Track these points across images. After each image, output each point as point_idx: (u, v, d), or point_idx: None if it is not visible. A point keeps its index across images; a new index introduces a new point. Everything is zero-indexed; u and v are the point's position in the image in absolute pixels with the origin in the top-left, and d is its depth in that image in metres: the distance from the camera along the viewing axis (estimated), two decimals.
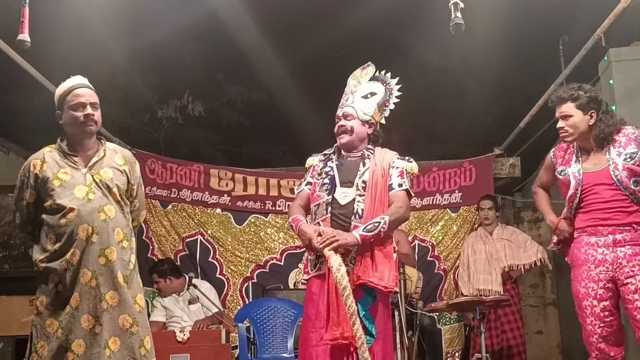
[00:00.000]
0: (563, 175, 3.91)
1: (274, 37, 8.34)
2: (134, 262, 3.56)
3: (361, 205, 3.68)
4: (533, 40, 7.89)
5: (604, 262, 3.70)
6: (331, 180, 3.79)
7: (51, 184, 3.47)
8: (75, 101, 3.54)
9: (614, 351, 3.70)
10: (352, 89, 3.99)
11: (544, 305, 8.05)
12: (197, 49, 8.83)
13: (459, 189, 7.42)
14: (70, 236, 3.39)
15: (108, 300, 3.38)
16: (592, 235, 3.77)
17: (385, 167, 3.80)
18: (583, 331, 3.78)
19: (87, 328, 3.33)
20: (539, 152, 8.20)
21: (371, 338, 3.53)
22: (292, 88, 8.80)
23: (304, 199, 3.92)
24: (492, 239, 6.50)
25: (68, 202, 3.42)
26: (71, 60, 7.32)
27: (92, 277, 3.37)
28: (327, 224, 3.67)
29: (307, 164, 4.04)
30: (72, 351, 3.30)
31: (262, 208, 7.45)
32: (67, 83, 3.63)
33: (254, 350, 5.87)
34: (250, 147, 10.66)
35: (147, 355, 3.46)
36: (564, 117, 3.84)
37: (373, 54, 8.81)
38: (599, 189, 3.75)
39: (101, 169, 3.56)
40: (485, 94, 9.08)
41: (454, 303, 5.62)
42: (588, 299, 3.72)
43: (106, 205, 3.48)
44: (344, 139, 3.86)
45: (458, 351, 6.81)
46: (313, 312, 3.63)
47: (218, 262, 7.26)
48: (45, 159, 3.56)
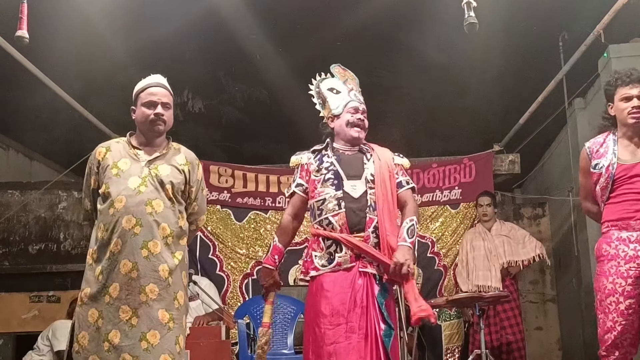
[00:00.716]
0: (598, 169, 3.80)
1: (275, 34, 8.34)
2: (180, 258, 3.53)
3: (373, 198, 3.70)
4: (533, 37, 7.89)
5: (635, 258, 3.62)
6: (336, 175, 3.76)
7: (109, 172, 3.52)
8: (147, 99, 3.59)
9: (629, 350, 3.64)
10: (352, 86, 4.01)
11: (544, 301, 8.05)
12: (198, 46, 8.83)
13: (458, 186, 7.43)
14: (114, 225, 3.42)
15: (148, 292, 3.37)
16: (623, 229, 3.68)
17: (390, 163, 3.85)
18: (600, 327, 3.69)
19: (124, 319, 3.33)
20: (538, 149, 8.23)
21: (392, 330, 3.55)
22: (293, 85, 8.78)
23: (296, 206, 3.89)
24: (491, 235, 6.51)
25: (119, 192, 3.46)
26: (71, 57, 7.35)
27: (133, 269, 3.37)
28: (342, 219, 3.66)
29: (292, 162, 3.96)
30: (109, 340, 3.31)
31: (262, 205, 7.46)
32: (144, 80, 3.69)
33: (254, 347, 5.87)
34: (251, 144, 10.66)
35: (182, 353, 3.45)
36: (639, 98, 3.76)
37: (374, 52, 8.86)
38: (635, 180, 3.69)
39: (160, 165, 3.58)
40: (486, 91, 9.07)
41: (454, 299, 5.63)
42: (614, 295, 3.62)
43: (155, 199, 3.48)
44: (361, 134, 3.88)
45: (458, 347, 6.81)
46: (328, 308, 3.56)
47: (218, 259, 7.26)
48: (111, 148, 3.62)
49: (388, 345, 3.49)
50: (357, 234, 3.65)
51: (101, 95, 8.32)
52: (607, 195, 3.77)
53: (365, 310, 3.54)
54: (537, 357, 7.84)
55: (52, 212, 8.00)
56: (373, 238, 3.65)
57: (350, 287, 3.57)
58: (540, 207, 8.20)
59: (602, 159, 3.81)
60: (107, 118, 7.67)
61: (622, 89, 3.79)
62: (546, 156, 8.18)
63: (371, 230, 3.65)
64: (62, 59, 7.06)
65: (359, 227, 3.66)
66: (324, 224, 3.70)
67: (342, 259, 3.63)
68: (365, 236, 3.64)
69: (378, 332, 3.50)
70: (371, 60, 8.78)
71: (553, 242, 7.98)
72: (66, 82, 6.68)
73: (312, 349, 3.59)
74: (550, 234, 8.06)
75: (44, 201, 8.01)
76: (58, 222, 7.98)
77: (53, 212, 8.00)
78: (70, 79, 7.07)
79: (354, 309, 3.54)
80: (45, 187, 7.88)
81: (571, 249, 6.95)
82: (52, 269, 7.73)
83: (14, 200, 7.95)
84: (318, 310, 3.60)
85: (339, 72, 4.06)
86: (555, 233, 7.90)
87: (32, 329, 7.34)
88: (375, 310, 3.55)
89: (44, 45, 6.55)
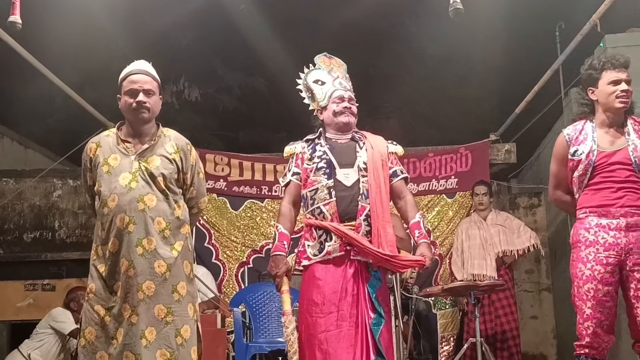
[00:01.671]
0: (577, 156, 3.75)
1: (272, 23, 8.32)
2: (179, 249, 3.50)
3: (365, 186, 3.73)
4: (530, 27, 7.89)
5: (615, 245, 3.59)
6: (328, 164, 3.78)
7: (100, 169, 3.49)
8: (128, 87, 3.53)
9: (607, 338, 3.62)
10: (338, 74, 4.02)
11: (539, 290, 8.07)
12: (195, 34, 8.81)
13: (455, 175, 7.43)
14: (110, 225, 3.41)
15: (145, 290, 3.35)
16: (602, 216, 3.65)
17: (383, 152, 3.87)
18: (579, 315, 3.66)
19: (125, 317, 3.34)
20: (534, 139, 8.23)
21: (382, 319, 3.59)
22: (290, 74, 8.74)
23: (293, 193, 3.90)
24: (487, 225, 6.52)
25: (110, 190, 3.43)
26: (67, 45, 7.32)
27: (130, 267, 3.36)
28: (332, 208, 3.69)
29: (286, 152, 3.99)
30: (117, 338, 3.33)
31: (258, 193, 7.46)
32: (127, 68, 3.62)
33: (249, 335, 5.89)
34: (248, 132, 10.65)
35: (184, 344, 3.41)
36: (628, 82, 3.74)
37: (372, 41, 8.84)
38: (614, 168, 3.66)
39: (150, 157, 3.53)
40: (482, 80, 9.08)
41: (449, 288, 5.64)
42: (593, 282, 3.59)
43: (147, 194, 3.44)
44: (351, 119, 3.90)
45: (453, 336, 6.82)
46: (319, 297, 3.61)
47: (214, 247, 7.26)
48: (101, 143, 3.57)
49: (376, 334, 3.53)
50: (348, 222, 3.68)
51: (97, 83, 8.28)
52: (586, 182, 3.74)
53: (356, 299, 3.59)
54: (532, 345, 7.87)
55: (47, 200, 7.98)
56: (365, 226, 3.67)
57: (341, 276, 3.62)
58: (536, 196, 8.21)
59: (581, 145, 3.76)
60: (103, 106, 7.64)
61: (611, 72, 3.75)
62: (542, 146, 8.18)
63: (363, 218, 3.68)
64: (58, 47, 7.04)
65: (350, 215, 3.69)
66: (316, 213, 3.74)
67: (331, 248, 3.67)
68: (357, 224, 3.67)
69: (367, 321, 3.55)
70: (369, 50, 8.77)
71: (548, 231, 7.99)
72: (62, 70, 6.66)
73: (304, 337, 3.64)
74: (546, 223, 8.08)
75: (39, 189, 8.00)
76: (53, 210, 7.97)
77: (48, 200, 7.98)
78: (66, 67, 7.05)
79: (345, 297, 3.58)
80: (41, 175, 7.86)
81: (566, 238, 6.89)
82: (47, 257, 7.73)
83: (9, 188, 7.93)
84: (310, 299, 3.65)
85: (323, 62, 4.07)
86: (551, 223, 7.91)
87: (27, 317, 7.35)
88: (365, 299, 3.60)
89: (39, 33, 6.53)
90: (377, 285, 3.65)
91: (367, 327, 3.54)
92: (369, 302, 3.59)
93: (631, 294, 3.61)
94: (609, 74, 3.75)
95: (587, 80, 3.86)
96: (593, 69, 3.81)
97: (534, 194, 8.24)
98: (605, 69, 3.76)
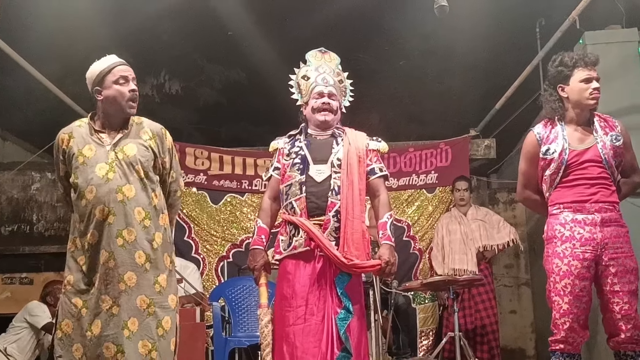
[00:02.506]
0: (549, 155, 3.78)
1: (254, 16, 8.27)
2: (159, 241, 3.49)
3: (337, 182, 3.75)
4: (510, 23, 7.89)
5: (591, 240, 3.63)
6: (303, 160, 3.83)
7: (75, 161, 3.47)
8: (119, 76, 3.55)
9: (582, 333, 3.65)
10: (325, 69, 4.04)
11: (518, 285, 8.14)
12: (175, 27, 8.74)
13: (435, 170, 7.47)
14: (89, 217, 3.39)
15: (126, 281, 3.35)
16: (578, 212, 3.68)
17: (361, 148, 3.89)
18: (555, 311, 3.69)
19: (104, 309, 3.33)
20: (514, 134, 8.26)
21: (349, 314, 3.61)
22: (272, 68, 8.74)
23: (274, 188, 3.96)
24: (467, 220, 6.56)
25: (87, 182, 3.41)
26: (46, 37, 7.23)
27: (110, 258, 3.35)
28: (302, 203, 3.73)
29: (271, 147, 4.05)
30: (91, 330, 3.31)
31: (238, 187, 7.45)
32: (105, 62, 3.63)
33: (228, 329, 5.89)
34: (229, 126, 10.59)
35: (165, 335, 3.43)
36: (598, 80, 3.77)
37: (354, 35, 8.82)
38: (587, 166, 3.70)
39: (125, 145, 3.52)
40: (463, 75, 9.08)
41: (429, 282, 5.67)
42: (570, 277, 3.62)
43: (125, 185, 3.43)
44: (328, 117, 3.92)
45: (432, 330, 6.88)
46: (289, 291, 3.67)
47: (193, 241, 7.24)
48: (73, 134, 3.56)
49: (342, 329, 3.56)
50: (317, 217, 3.72)
51: (76, 75, 8.17)
52: (558, 180, 3.76)
53: (324, 293, 3.64)
54: (510, 340, 7.94)
55: (25, 193, 7.92)
56: (334, 222, 3.71)
57: (310, 271, 3.68)
58: (515, 192, 8.24)
59: (552, 144, 3.79)
60: (82, 99, 7.57)
61: (583, 70, 3.78)
62: (522, 141, 8.22)
63: (332, 214, 3.72)
64: (37, 39, 6.96)
65: (318, 211, 3.73)
66: (288, 208, 3.81)
67: (297, 243, 3.72)
68: (326, 219, 3.71)
69: (333, 315, 3.60)
70: (351, 44, 8.74)
71: (527, 226, 8.05)
72: (41, 62, 6.60)
73: (276, 330, 3.72)
74: (525, 218, 8.13)
75: (17, 182, 7.94)
76: (31, 204, 7.91)
77: (26, 193, 7.93)
78: (45, 59, 6.97)
79: (314, 291, 3.64)
80: (19, 167, 7.80)
81: None
82: (24, 251, 7.68)
83: None
84: (281, 292, 3.73)
85: (315, 57, 4.09)
86: (530, 218, 7.97)
87: (4, 310, 7.30)
88: (333, 294, 3.64)
89: (18, 25, 6.46)
90: (346, 280, 3.67)
91: (333, 321, 3.59)
92: (336, 297, 3.63)
93: (607, 288, 3.64)
94: (580, 72, 3.79)
95: (556, 77, 3.88)
96: (564, 66, 3.83)
97: (513, 189, 8.24)
98: (578, 67, 3.79)
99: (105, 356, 3.28)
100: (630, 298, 3.61)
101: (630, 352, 3.64)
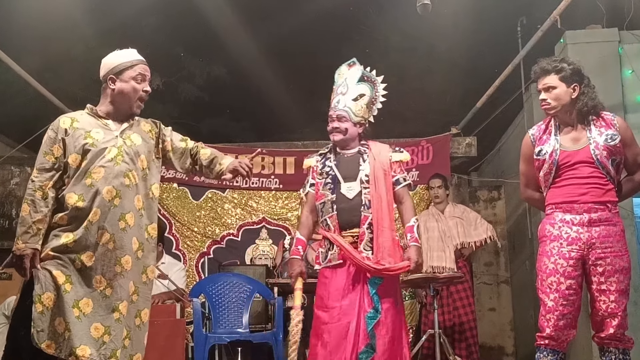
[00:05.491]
0: (542, 156, 3.83)
1: (237, 12, 8.26)
2: (151, 232, 3.59)
3: (368, 197, 4.10)
4: (492, 22, 7.94)
5: (577, 240, 3.67)
6: (333, 179, 4.18)
7: (82, 141, 3.47)
8: (138, 73, 3.60)
9: (568, 331, 3.70)
10: (342, 89, 4.28)
11: (498, 283, 8.18)
12: (157, 22, 8.71)
13: (416, 167, 7.48)
14: (94, 196, 3.39)
15: (123, 264, 3.40)
16: (567, 212, 3.73)
17: (385, 161, 4.21)
18: (542, 307, 3.75)
19: (97, 289, 3.34)
20: (495, 132, 8.32)
21: (377, 313, 3.94)
22: (253, 64, 8.73)
23: (311, 203, 4.29)
24: (445, 217, 6.57)
25: (96, 163, 3.44)
26: (27, 30, 7.19)
27: (110, 240, 3.37)
28: (334, 220, 4.11)
29: (305, 164, 4.42)
30: (79, 308, 3.30)
31: (219, 183, 7.41)
32: (129, 55, 3.67)
33: (208, 326, 5.87)
34: (210, 121, 10.58)
35: (142, 327, 3.49)
36: (546, 89, 3.81)
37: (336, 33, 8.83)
38: (578, 166, 3.74)
39: (132, 135, 3.59)
40: (445, 74, 9.13)
41: (408, 279, 5.67)
42: (555, 275, 3.67)
43: (131, 171, 3.50)
44: (337, 137, 4.23)
45: (411, 327, 6.89)
46: (325, 293, 4.07)
47: (174, 237, 7.22)
48: (77, 119, 3.57)
49: (369, 327, 3.91)
50: (350, 230, 4.09)
51: (57, 69, 8.16)
52: (551, 180, 3.82)
53: (357, 296, 3.98)
54: (489, 337, 7.98)
55: (4, 188, 7.86)
56: (368, 234, 4.07)
57: (345, 276, 4.04)
58: (496, 190, 8.30)
59: (545, 145, 3.85)
60: (62, 93, 7.53)
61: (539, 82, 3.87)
62: (503, 140, 8.27)
63: (366, 227, 4.07)
64: (17, 32, 6.92)
65: (351, 225, 4.10)
66: (324, 224, 4.19)
67: (332, 256, 4.12)
68: (360, 232, 4.08)
69: (362, 315, 3.94)
70: (333, 40, 8.76)
71: (508, 224, 8.09)
72: (21, 56, 6.55)
73: (313, 329, 4.10)
74: (505, 216, 8.18)
75: None
76: (10, 198, 7.85)
77: (5, 188, 7.86)
78: (25, 53, 6.93)
79: (347, 294, 4.00)
80: None
81: (525, 231, 7.06)
82: (3, 246, 7.59)
83: None
84: (318, 294, 4.15)
85: (339, 75, 4.38)
86: (510, 216, 8.01)
87: None
88: (364, 295, 3.98)
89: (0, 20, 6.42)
90: (378, 282, 3.99)
91: (362, 319, 3.94)
92: (368, 298, 3.97)
93: (594, 287, 3.69)
94: (539, 84, 3.89)
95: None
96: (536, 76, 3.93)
97: (494, 187, 8.34)
98: (537, 79, 3.89)
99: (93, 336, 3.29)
100: (617, 297, 3.65)
101: (613, 349, 3.70)
